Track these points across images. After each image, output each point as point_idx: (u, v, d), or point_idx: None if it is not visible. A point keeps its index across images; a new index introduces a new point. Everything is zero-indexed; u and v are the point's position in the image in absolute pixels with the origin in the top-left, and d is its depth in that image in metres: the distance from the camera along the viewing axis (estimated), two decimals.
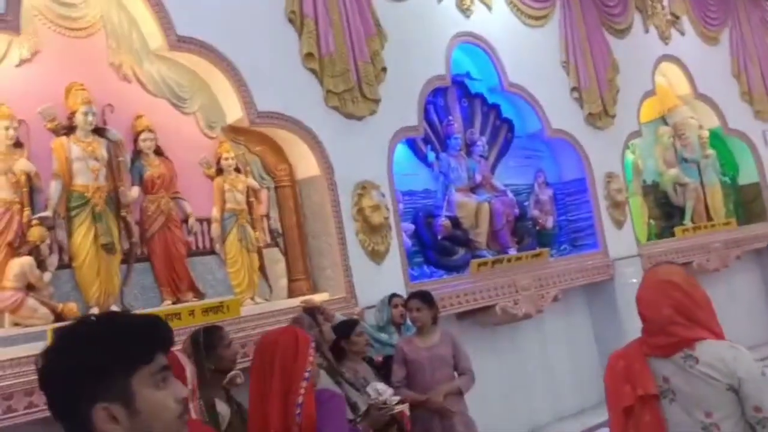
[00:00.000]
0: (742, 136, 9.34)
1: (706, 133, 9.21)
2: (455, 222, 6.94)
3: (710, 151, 9.19)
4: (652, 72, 8.62)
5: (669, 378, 2.26)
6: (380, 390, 3.56)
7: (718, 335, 2.30)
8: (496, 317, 6.54)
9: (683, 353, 2.24)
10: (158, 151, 4.84)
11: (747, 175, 9.52)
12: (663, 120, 9.17)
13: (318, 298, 5.37)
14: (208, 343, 3.31)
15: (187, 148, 5.09)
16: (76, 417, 1.24)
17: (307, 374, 2.61)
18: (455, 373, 4.58)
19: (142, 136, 4.76)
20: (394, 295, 4.88)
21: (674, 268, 2.44)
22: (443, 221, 6.81)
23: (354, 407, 3.49)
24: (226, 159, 5.13)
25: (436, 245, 6.77)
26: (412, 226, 6.66)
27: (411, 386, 4.46)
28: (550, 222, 7.76)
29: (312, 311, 4.40)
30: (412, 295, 4.76)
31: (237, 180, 5.17)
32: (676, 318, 2.27)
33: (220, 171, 5.15)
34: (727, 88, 9.29)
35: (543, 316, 6.94)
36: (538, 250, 7.24)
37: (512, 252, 7.15)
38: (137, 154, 4.79)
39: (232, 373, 3.38)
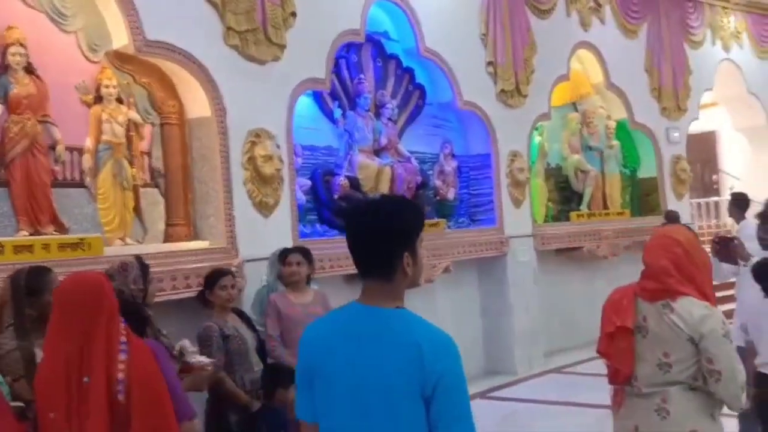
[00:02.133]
0: (647, 131, 9.57)
1: (612, 124, 9.37)
2: (355, 183, 6.78)
3: (615, 142, 9.37)
4: (569, 57, 8.65)
5: (647, 318, 2.61)
6: (185, 348, 3.35)
7: (706, 297, 2.57)
8: None
9: (664, 302, 2.57)
10: (29, 69, 4.43)
11: (647, 169, 9.77)
12: (573, 106, 9.26)
13: (196, 245, 5.13)
14: (32, 286, 2.88)
15: (63, 69, 4.68)
16: (390, 260, 1.77)
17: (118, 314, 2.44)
18: None
19: (12, 49, 4.33)
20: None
21: (683, 230, 2.78)
22: (342, 180, 6.64)
23: None
24: (107, 87, 4.76)
25: (332, 204, 6.61)
26: (308, 182, 6.46)
27: (284, 343, 4.30)
28: (451, 194, 7.73)
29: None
30: (294, 249, 4.57)
31: (117, 111, 4.81)
32: (671, 270, 2.57)
33: (99, 99, 4.78)
34: (638, 82, 9.46)
35: (433, 286, 6.93)
36: (435, 220, 7.20)
37: None
38: (4, 69, 4.36)
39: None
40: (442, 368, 1.70)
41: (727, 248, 4.23)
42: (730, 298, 6.34)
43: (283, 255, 4.49)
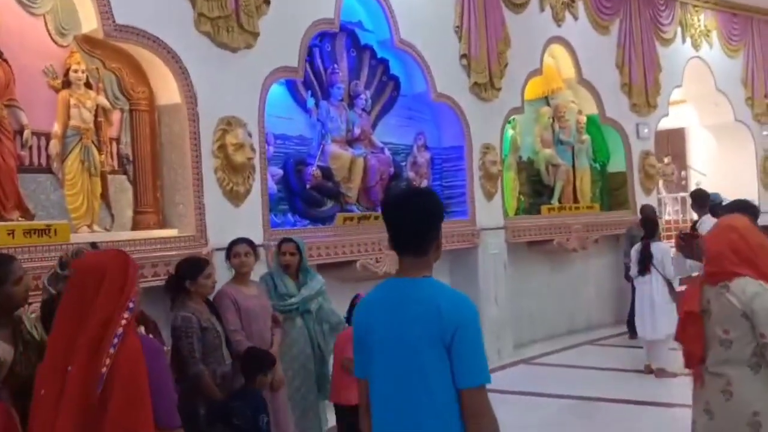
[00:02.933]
0: (617, 126, 9.68)
1: (583, 119, 9.47)
2: (327, 173, 6.77)
3: (585, 137, 9.47)
4: (542, 51, 8.72)
5: (710, 300, 2.84)
6: None
7: (764, 275, 2.79)
8: (356, 273, 6.48)
9: (723, 283, 2.81)
10: None
11: (616, 164, 9.89)
12: (546, 100, 9.34)
13: (165, 233, 5.09)
14: None
15: (31, 53, 4.60)
16: (428, 239, 2.12)
17: (131, 305, 2.34)
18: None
19: None
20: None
21: (739, 217, 3.02)
22: (314, 170, 6.62)
23: None
24: (76, 71, 4.68)
25: (304, 194, 6.59)
26: (280, 172, 6.43)
27: (247, 337, 4.25)
28: (424, 185, 7.75)
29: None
30: (240, 240, 4.45)
31: (86, 96, 4.74)
32: (728, 254, 2.81)
33: (67, 83, 4.70)
34: (609, 78, 9.56)
35: None
36: None
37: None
38: None
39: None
40: (457, 320, 2.02)
41: (690, 245, 4.32)
42: None
43: (230, 247, 4.44)
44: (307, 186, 6.60)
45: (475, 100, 7.84)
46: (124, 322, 2.28)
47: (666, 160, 13.06)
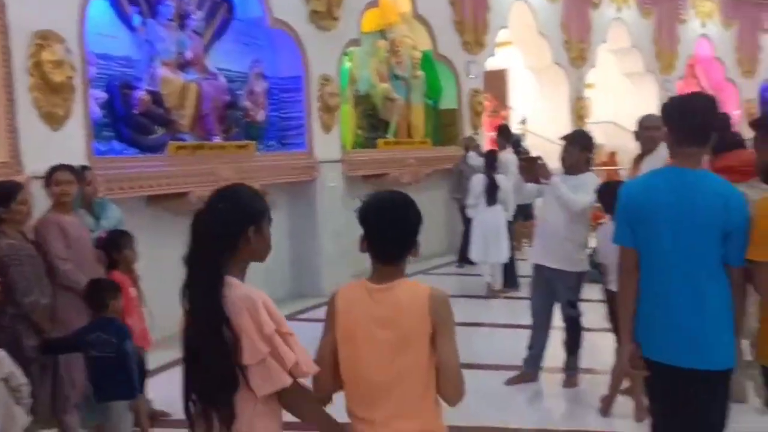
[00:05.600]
0: (449, 63, 9.94)
1: (418, 54, 9.61)
2: (157, 98, 6.32)
3: (420, 73, 9.64)
4: None
5: None
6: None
7: None
8: (190, 205, 6.18)
9: None
10: None
11: (448, 101, 10.20)
12: (382, 34, 9.34)
13: None
14: None
15: None
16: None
17: None
18: None
19: None
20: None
21: None
22: (142, 95, 6.16)
23: None
24: None
25: (131, 120, 6.12)
26: (104, 95, 5.90)
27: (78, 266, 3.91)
28: (261, 115, 7.51)
29: None
30: (62, 167, 4.01)
31: None
32: None
33: None
34: (443, 14, 9.72)
35: None
36: (244, 142, 6.97)
37: (217, 140, 6.78)
38: None
39: None
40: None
41: (531, 167, 4.54)
42: None
43: (50, 174, 4.00)
44: (135, 111, 6.13)
45: (314, 29, 7.66)
46: None
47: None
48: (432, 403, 1.99)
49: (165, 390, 4.17)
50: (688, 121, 2.51)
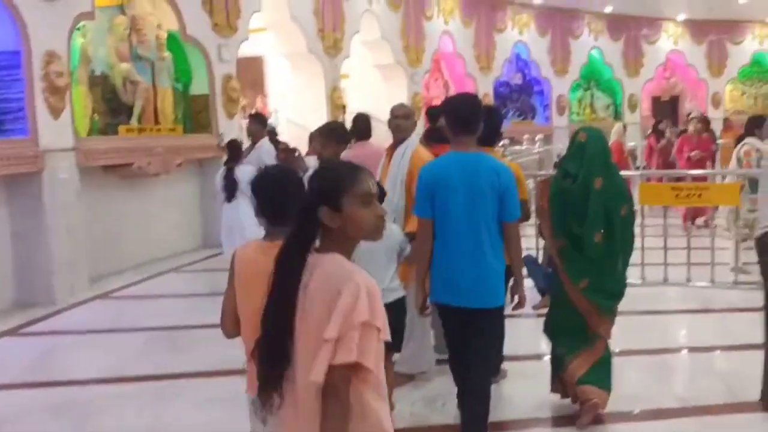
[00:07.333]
0: (199, 46, 9.32)
1: (164, 34, 8.85)
2: None
3: (166, 54, 8.89)
4: None
5: None
6: None
7: None
8: None
9: None
10: None
11: (199, 86, 9.56)
12: (121, 9, 8.43)
13: None
14: None
15: None
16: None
17: None
18: None
19: None
20: None
21: None
22: None
23: None
24: None
25: None
26: None
27: None
28: None
29: None
30: None
31: None
32: None
33: None
34: None
35: None
36: None
37: None
38: None
39: None
40: None
41: (291, 157, 4.43)
42: None
43: None
44: None
45: None
46: None
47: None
48: None
49: None
50: (459, 116, 3.17)
